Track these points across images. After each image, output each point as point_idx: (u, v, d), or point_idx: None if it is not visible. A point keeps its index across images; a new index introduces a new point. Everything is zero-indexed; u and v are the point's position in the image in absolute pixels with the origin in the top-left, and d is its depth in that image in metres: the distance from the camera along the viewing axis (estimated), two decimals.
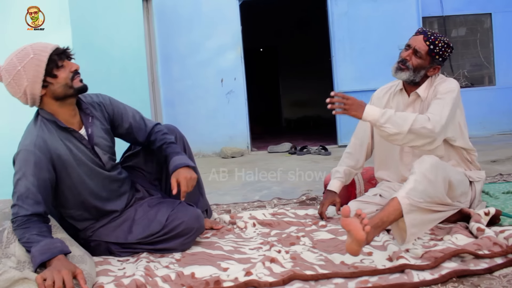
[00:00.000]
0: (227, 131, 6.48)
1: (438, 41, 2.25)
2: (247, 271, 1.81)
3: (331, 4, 6.39)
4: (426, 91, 2.32)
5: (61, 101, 1.98)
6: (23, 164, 1.88)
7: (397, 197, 1.89)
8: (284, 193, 3.50)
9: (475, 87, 6.82)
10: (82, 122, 2.08)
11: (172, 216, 2.13)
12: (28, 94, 1.92)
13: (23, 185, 1.84)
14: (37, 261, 1.68)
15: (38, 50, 1.89)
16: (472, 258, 1.83)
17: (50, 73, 1.91)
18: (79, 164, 2.01)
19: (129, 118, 2.24)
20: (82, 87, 2.01)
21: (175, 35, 6.46)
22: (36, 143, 1.90)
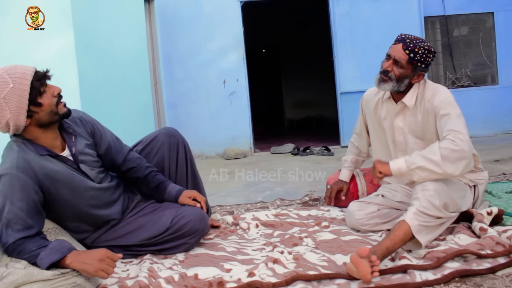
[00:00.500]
0: (229, 132, 6.48)
1: (418, 49, 2.16)
2: (250, 272, 1.82)
3: (332, 4, 6.39)
4: (413, 99, 2.26)
5: (45, 128, 1.90)
6: (7, 189, 1.77)
7: (405, 220, 1.89)
8: (287, 194, 3.50)
9: (477, 87, 6.80)
10: (65, 141, 2.01)
11: (179, 216, 2.13)
12: (12, 126, 1.81)
13: (11, 211, 1.75)
14: (47, 261, 1.67)
15: (17, 78, 1.77)
16: (475, 258, 1.83)
17: (34, 102, 1.80)
18: (66, 181, 1.93)
19: (108, 137, 2.18)
20: (66, 112, 1.93)
21: (177, 36, 6.47)
22: (18, 165, 1.80)
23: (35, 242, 1.75)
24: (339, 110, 6.45)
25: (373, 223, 2.32)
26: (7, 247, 1.75)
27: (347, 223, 2.44)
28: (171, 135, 2.37)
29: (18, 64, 1.82)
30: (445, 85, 6.78)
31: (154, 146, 2.34)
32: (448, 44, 6.80)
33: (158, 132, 2.39)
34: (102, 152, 2.16)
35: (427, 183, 1.98)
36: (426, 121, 2.24)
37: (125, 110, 4.20)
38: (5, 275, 1.54)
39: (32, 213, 1.80)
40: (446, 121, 2.09)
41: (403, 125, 2.32)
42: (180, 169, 2.38)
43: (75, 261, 1.71)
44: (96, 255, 1.73)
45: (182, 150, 2.38)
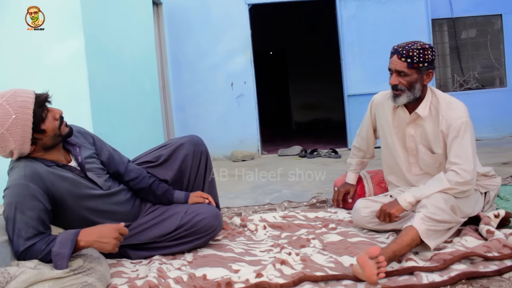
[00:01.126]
0: (237, 134, 6.51)
1: (411, 52, 2.17)
2: (258, 272, 1.84)
3: (340, 7, 6.40)
4: (427, 109, 2.26)
5: (49, 149, 1.92)
6: (17, 199, 1.77)
7: (413, 225, 1.92)
8: (294, 196, 3.52)
9: (486, 89, 6.78)
10: (69, 154, 2.02)
11: (194, 213, 2.17)
12: (16, 154, 1.83)
13: (22, 221, 1.76)
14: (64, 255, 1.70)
15: (19, 107, 1.76)
16: (482, 260, 1.84)
17: (37, 129, 1.81)
18: (74, 189, 1.94)
19: (107, 148, 2.22)
20: (69, 132, 1.95)
21: (185, 39, 6.52)
22: (26, 174, 1.80)
23: (43, 241, 1.78)
24: (346, 112, 6.46)
25: (377, 221, 2.34)
26: (19, 255, 1.77)
27: (353, 220, 2.48)
28: (196, 144, 2.42)
29: (16, 90, 1.80)
30: (452, 87, 6.77)
31: (179, 153, 2.36)
32: (456, 46, 6.79)
33: (184, 139, 2.41)
34: (105, 160, 2.17)
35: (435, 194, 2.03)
36: (436, 134, 2.24)
37: (134, 113, 4.24)
38: (17, 274, 1.57)
39: (43, 220, 1.82)
40: (456, 146, 2.13)
41: (414, 133, 2.33)
42: (198, 177, 2.44)
43: (90, 242, 1.76)
44: (111, 232, 1.79)
45: (204, 159, 2.44)
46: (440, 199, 1.99)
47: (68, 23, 3.01)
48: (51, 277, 1.63)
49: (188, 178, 2.40)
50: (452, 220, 2.00)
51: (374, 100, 2.57)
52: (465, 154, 2.10)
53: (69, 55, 3.01)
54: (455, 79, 6.81)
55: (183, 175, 2.39)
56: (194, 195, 2.33)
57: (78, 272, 1.73)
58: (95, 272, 1.78)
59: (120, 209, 2.11)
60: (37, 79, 2.91)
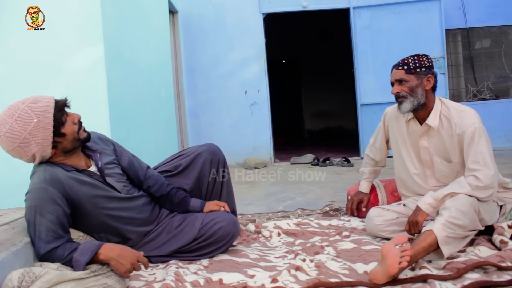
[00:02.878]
0: (250, 142, 6.56)
1: (407, 60, 2.30)
2: (273, 278, 1.87)
3: (354, 17, 6.45)
4: (436, 119, 2.29)
5: (69, 153, 1.97)
6: (37, 203, 1.83)
7: (433, 230, 1.94)
8: (307, 204, 3.55)
9: (499, 99, 6.76)
10: (89, 159, 2.08)
11: (213, 222, 2.20)
12: (38, 157, 1.89)
13: (42, 224, 1.81)
14: (82, 262, 1.76)
15: (40, 111, 1.82)
16: (495, 269, 1.85)
17: (57, 133, 1.87)
18: (93, 194, 1.99)
19: (127, 154, 2.27)
20: (87, 137, 2.01)
21: (200, 47, 6.61)
22: (46, 179, 1.86)
23: (65, 248, 1.83)
24: (359, 121, 6.48)
25: (390, 230, 2.37)
26: (41, 257, 1.83)
27: (366, 228, 2.51)
28: (214, 153, 2.44)
29: (37, 96, 1.87)
30: (466, 98, 6.75)
31: (197, 162, 2.40)
32: (469, 56, 6.79)
33: (202, 148, 2.44)
34: (125, 166, 2.22)
35: (458, 196, 2.04)
36: (451, 143, 2.26)
37: (150, 120, 4.31)
38: (42, 274, 1.62)
39: (62, 224, 1.86)
40: (472, 153, 2.15)
41: (428, 145, 2.36)
42: (216, 186, 2.47)
43: (109, 257, 1.80)
44: (130, 257, 1.82)
45: (221, 168, 2.47)
46: (465, 202, 2.00)
47: (89, 31, 3.09)
48: (73, 278, 1.68)
49: (206, 186, 2.43)
50: (473, 226, 2.02)
51: (387, 113, 2.61)
52: (483, 160, 2.12)
53: (89, 62, 3.09)
54: (469, 89, 6.80)
55: (201, 183, 2.42)
56: (210, 204, 2.35)
57: (98, 274, 1.78)
58: (114, 274, 1.83)
59: (138, 215, 2.15)
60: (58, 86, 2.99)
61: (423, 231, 1.97)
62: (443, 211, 2.00)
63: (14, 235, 1.86)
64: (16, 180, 2.94)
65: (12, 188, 2.93)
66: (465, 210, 1.98)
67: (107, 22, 3.19)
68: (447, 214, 1.97)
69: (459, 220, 1.96)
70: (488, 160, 2.12)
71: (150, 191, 2.27)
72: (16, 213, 2.21)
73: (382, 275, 1.77)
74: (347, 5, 6.52)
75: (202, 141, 5.40)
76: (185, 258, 2.20)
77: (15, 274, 1.60)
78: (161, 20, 5.10)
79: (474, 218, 2.03)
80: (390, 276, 1.76)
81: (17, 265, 1.74)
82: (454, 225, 1.95)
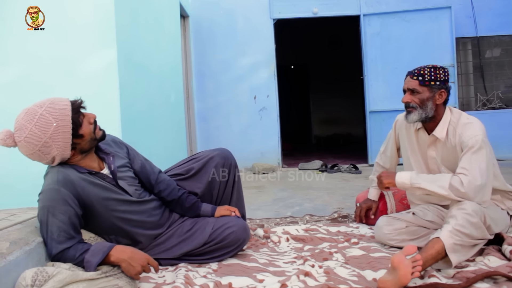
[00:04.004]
0: (258, 147, 6.58)
1: (423, 70, 2.27)
2: (282, 283, 1.88)
3: (364, 24, 6.46)
4: (444, 131, 2.29)
5: (85, 153, 2.01)
6: (50, 203, 1.86)
7: (440, 237, 1.94)
8: (315, 210, 3.55)
9: (509, 109, 6.73)
10: (103, 162, 2.10)
11: (223, 227, 2.21)
12: (57, 160, 1.92)
13: (54, 224, 1.84)
14: (93, 263, 1.79)
15: (59, 115, 1.85)
16: (505, 280, 1.84)
17: (76, 134, 1.90)
18: (104, 196, 2.01)
19: (140, 157, 2.29)
20: (102, 135, 2.04)
21: (210, 51, 6.65)
22: (59, 180, 1.88)
23: (76, 249, 1.85)
24: (367, 128, 6.48)
25: (400, 239, 2.37)
26: (53, 257, 1.86)
27: (375, 236, 2.51)
28: (226, 158, 2.46)
29: (52, 99, 1.89)
30: (475, 106, 6.74)
31: (209, 166, 2.41)
32: (479, 65, 6.77)
33: (214, 152, 2.45)
34: (137, 169, 2.24)
35: (465, 202, 2.03)
36: (456, 154, 2.26)
37: (160, 123, 4.34)
38: (55, 274, 1.64)
39: (74, 225, 1.89)
40: (465, 159, 2.14)
41: (435, 155, 2.36)
42: (227, 190, 2.48)
43: (120, 259, 1.83)
44: (141, 259, 1.85)
45: (232, 173, 2.48)
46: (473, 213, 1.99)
47: (103, 35, 3.13)
48: (85, 278, 1.71)
49: (217, 191, 2.44)
50: (480, 235, 2.01)
51: (398, 120, 2.62)
52: (472, 169, 2.08)
53: (102, 65, 3.12)
54: (478, 98, 6.79)
55: (213, 188, 2.43)
56: (221, 209, 2.36)
57: (109, 275, 1.81)
58: (125, 276, 1.85)
59: (148, 219, 2.17)
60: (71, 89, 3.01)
61: (431, 238, 1.97)
62: (450, 219, 2.00)
63: (27, 235, 1.89)
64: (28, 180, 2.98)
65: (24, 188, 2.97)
66: (471, 219, 1.98)
67: (120, 25, 3.23)
68: (454, 222, 1.97)
69: (465, 229, 1.96)
70: (477, 172, 2.07)
71: (161, 195, 2.28)
72: (28, 213, 2.24)
73: (393, 284, 1.77)
74: (358, 12, 6.54)
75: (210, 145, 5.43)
76: (194, 262, 2.22)
77: (28, 273, 1.62)
78: (172, 25, 5.14)
79: (480, 227, 2.02)
80: (402, 286, 1.76)
81: (30, 264, 1.77)
82: (461, 232, 1.95)
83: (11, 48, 3.08)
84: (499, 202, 2.31)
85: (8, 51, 3.09)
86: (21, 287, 1.60)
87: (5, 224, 1.98)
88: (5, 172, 3.02)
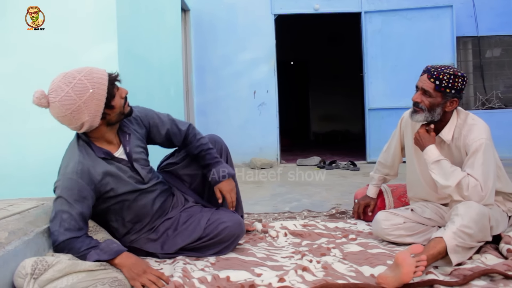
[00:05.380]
0: (257, 142, 6.58)
1: (442, 75, 2.17)
2: (280, 277, 1.89)
3: (365, 21, 6.45)
4: (450, 133, 2.27)
5: (111, 126, 2.05)
6: (66, 192, 1.89)
7: (443, 238, 1.94)
8: (313, 205, 3.56)
9: (508, 109, 6.74)
10: (120, 141, 2.13)
11: (217, 222, 2.21)
12: (86, 126, 1.94)
13: (67, 212, 1.87)
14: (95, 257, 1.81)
15: (96, 83, 1.89)
16: (502, 278, 1.85)
17: (108, 105, 1.95)
18: (119, 184, 2.05)
19: (165, 126, 2.30)
20: (130, 111, 2.09)
21: (210, 46, 6.64)
22: (77, 171, 1.92)
23: (83, 242, 1.86)
24: (366, 126, 6.48)
25: (397, 234, 2.37)
26: (58, 245, 1.86)
27: (373, 231, 2.52)
28: (215, 141, 2.48)
29: (91, 67, 1.94)
30: (474, 106, 6.74)
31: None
32: (479, 65, 6.78)
33: None
34: (160, 141, 2.31)
35: (471, 202, 2.04)
36: (460, 156, 2.26)
37: None
38: (54, 263, 1.65)
39: (84, 217, 1.92)
40: (470, 164, 2.14)
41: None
42: None
43: (123, 265, 1.85)
44: (142, 268, 1.88)
45: (224, 156, 2.48)
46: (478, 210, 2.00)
47: (104, 26, 3.11)
48: (85, 269, 1.71)
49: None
50: (482, 237, 2.02)
51: (404, 117, 2.58)
52: (477, 175, 2.09)
53: (103, 57, 3.11)
54: (478, 97, 6.79)
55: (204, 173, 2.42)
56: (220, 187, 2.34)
57: (108, 267, 1.81)
58: None
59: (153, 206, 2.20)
60: None
61: (433, 237, 1.98)
62: (455, 218, 2.00)
63: (26, 225, 1.89)
64: (26, 170, 2.98)
65: (22, 178, 2.97)
66: (477, 218, 1.98)
67: (121, 17, 3.22)
68: (460, 222, 1.97)
69: (470, 229, 1.96)
70: (480, 177, 2.08)
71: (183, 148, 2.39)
72: (26, 203, 2.23)
73: (393, 281, 1.77)
74: (359, 9, 6.53)
75: None
76: (191, 255, 2.22)
77: (28, 262, 1.63)
78: (173, 18, 5.11)
79: (486, 227, 2.03)
80: (403, 283, 1.77)
81: (28, 254, 1.76)
82: (465, 234, 1.96)
83: (12, 39, 3.06)
84: (500, 203, 2.31)
85: (9, 42, 3.07)
86: (20, 276, 1.61)
87: (4, 214, 1.98)
88: (4, 162, 3.02)
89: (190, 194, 2.42)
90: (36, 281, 1.59)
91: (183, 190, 2.42)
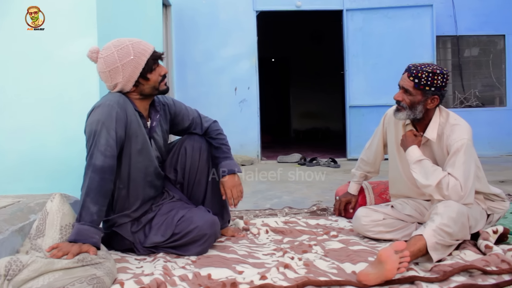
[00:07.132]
0: (238, 139, 6.55)
1: (421, 73, 2.19)
2: (262, 275, 1.88)
3: (346, 19, 6.48)
4: (435, 132, 2.28)
5: (144, 97, 2.18)
6: (105, 117, 1.98)
7: (423, 235, 1.96)
8: (294, 202, 3.56)
9: (485, 107, 6.87)
10: (150, 117, 2.25)
11: (187, 221, 2.18)
12: (118, 87, 2.10)
13: (105, 137, 1.96)
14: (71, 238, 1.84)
15: (138, 52, 2.07)
16: (480, 273, 1.88)
17: (144, 75, 2.10)
18: (138, 138, 2.13)
19: (190, 118, 2.43)
20: (165, 90, 2.21)
21: (191, 42, 6.58)
22: (119, 102, 2.05)
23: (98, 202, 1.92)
24: (347, 123, 6.52)
25: (377, 230, 2.39)
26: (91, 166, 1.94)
27: (353, 227, 2.54)
28: (194, 140, 2.43)
29: (142, 40, 2.14)
30: (453, 104, 6.84)
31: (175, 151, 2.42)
32: (458, 64, 6.88)
33: (183, 138, 2.45)
34: (182, 129, 2.45)
35: (450, 202, 2.06)
36: (441, 155, 2.28)
37: None
38: (29, 263, 1.60)
39: (118, 145, 2.02)
40: (451, 163, 2.16)
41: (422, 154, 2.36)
42: (199, 174, 2.42)
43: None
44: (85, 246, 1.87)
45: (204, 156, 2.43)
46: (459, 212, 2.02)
47: (83, 21, 3.04)
48: (61, 267, 1.67)
49: (188, 174, 2.41)
50: (461, 236, 2.05)
51: (387, 114, 2.59)
52: (458, 175, 2.11)
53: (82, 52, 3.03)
54: (456, 96, 6.90)
55: (184, 172, 2.41)
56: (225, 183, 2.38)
57: (86, 264, 1.77)
58: (103, 266, 1.82)
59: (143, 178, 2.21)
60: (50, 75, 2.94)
61: (414, 235, 1.99)
62: (435, 217, 2.02)
63: (1, 223, 1.84)
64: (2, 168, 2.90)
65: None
66: (456, 218, 2.00)
67: (101, 12, 3.15)
68: (439, 221, 1.99)
69: (449, 228, 1.98)
70: (461, 177, 2.10)
71: None
72: (1, 201, 2.18)
73: (376, 278, 1.77)
74: (341, 7, 6.56)
75: None
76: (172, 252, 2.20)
77: (1, 262, 1.58)
78: (154, 13, 5.05)
79: (465, 226, 2.05)
80: (385, 280, 1.78)
81: (3, 254, 1.72)
82: (444, 232, 1.98)
83: None
84: (480, 201, 2.34)
85: None
86: None
87: None
88: None
89: (174, 191, 2.40)
90: (10, 283, 1.54)
91: (169, 187, 2.40)
